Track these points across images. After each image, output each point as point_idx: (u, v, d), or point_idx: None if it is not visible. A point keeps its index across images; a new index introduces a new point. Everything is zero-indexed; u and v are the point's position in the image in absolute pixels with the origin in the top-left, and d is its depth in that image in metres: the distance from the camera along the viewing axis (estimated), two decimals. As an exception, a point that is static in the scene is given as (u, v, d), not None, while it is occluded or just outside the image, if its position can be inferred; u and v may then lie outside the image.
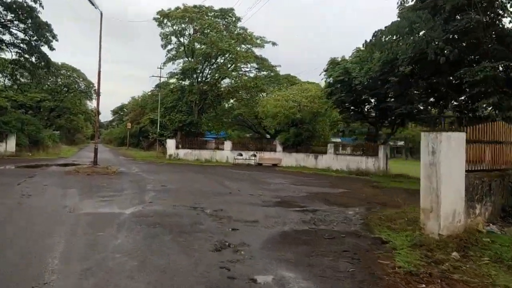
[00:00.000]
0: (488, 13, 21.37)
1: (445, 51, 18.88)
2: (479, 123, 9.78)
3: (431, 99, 28.63)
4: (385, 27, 18.28)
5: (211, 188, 16.95)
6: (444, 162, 7.93)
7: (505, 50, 21.04)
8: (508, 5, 22.03)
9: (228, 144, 39.27)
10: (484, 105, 19.16)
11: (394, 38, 18.82)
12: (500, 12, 22.22)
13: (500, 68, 18.86)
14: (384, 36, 18.38)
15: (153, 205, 11.96)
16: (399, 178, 27.17)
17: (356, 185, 20.87)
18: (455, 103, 24.98)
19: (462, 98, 25.30)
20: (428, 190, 8.16)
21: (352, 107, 32.90)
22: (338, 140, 44.96)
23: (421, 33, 20.78)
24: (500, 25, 21.92)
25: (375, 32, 18.59)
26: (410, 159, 68.03)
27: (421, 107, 29.76)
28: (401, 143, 78.96)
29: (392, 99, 30.38)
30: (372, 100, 32.27)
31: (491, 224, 8.57)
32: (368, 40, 18.88)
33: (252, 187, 18.23)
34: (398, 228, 9.20)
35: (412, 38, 19.05)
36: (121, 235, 8.05)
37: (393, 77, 26.77)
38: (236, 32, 45.66)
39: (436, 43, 18.92)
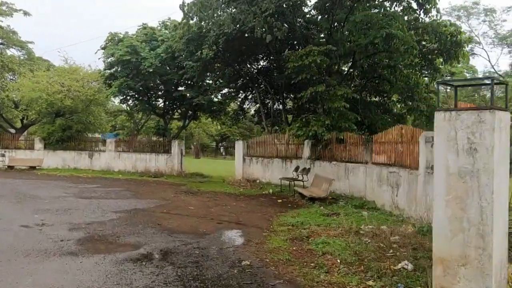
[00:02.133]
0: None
1: (274, 29, 15.94)
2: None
3: (229, 90, 25.98)
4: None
5: None
6: (497, 169, 4.18)
7: (316, 37, 19.64)
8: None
9: (-42, 141, 28.30)
10: (307, 95, 17.05)
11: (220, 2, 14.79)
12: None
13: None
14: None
15: None
16: (198, 178, 23.63)
17: (166, 193, 16.02)
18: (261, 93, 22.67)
19: (262, 87, 23.32)
20: (456, 223, 4.29)
21: (136, 95, 27.54)
22: (99, 136, 38.38)
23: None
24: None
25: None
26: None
27: (218, 98, 26.83)
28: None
29: (186, 88, 26.60)
30: (162, 88, 27.71)
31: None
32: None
33: (19, 207, 11.35)
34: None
35: (239, 6, 15.40)
36: None
37: (190, 62, 22.89)
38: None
39: (265, 17, 15.78)
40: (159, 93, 28.29)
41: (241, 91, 24.37)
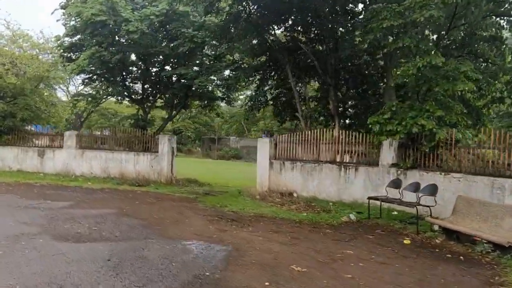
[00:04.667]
0: None
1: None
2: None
3: (234, 70, 19.88)
4: None
5: None
6: None
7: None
8: None
9: None
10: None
11: None
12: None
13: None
14: None
15: None
16: (196, 187, 17.96)
17: (193, 220, 9.94)
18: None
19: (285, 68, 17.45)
20: None
21: (107, 74, 20.60)
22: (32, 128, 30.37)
23: None
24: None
25: None
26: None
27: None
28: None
29: (175, 66, 20.28)
30: (140, 65, 21.12)
31: None
32: None
33: None
34: None
35: None
36: None
37: (190, 30, 16.86)
38: None
39: None
40: (137, 71, 21.57)
41: (255, 73, 18.26)
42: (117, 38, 18.20)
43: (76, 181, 17.21)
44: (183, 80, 19.71)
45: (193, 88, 19.08)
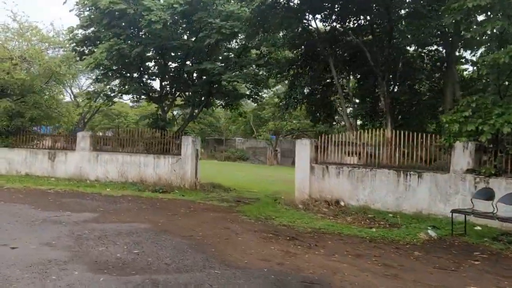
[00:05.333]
0: None
1: None
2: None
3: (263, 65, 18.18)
4: None
5: None
6: None
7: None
8: None
9: None
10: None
11: None
12: None
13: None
14: None
15: None
16: (222, 192, 16.34)
17: (246, 239, 8.31)
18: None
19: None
20: None
21: (124, 70, 18.95)
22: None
23: None
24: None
25: None
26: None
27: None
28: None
29: (197, 61, 18.65)
30: (158, 60, 19.48)
31: None
32: None
33: None
34: None
35: None
36: None
37: (217, 20, 15.30)
38: None
39: None
40: (154, 67, 19.94)
41: (289, 68, 16.53)
42: (136, 30, 16.55)
43: (93, 186, 15.55)
44: (205, 77, 18.13)
45: (216, 85, 17.41)
